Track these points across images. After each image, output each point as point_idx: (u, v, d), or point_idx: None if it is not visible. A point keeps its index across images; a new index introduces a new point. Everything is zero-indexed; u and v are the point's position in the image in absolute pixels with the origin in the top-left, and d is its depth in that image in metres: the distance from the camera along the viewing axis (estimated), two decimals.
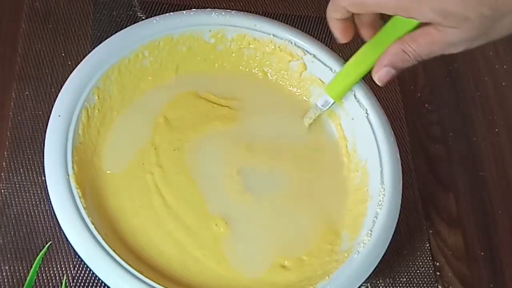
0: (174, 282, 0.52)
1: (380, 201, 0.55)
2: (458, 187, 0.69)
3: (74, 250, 0.50)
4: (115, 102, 0.59)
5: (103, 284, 0.56)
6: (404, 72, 0.73)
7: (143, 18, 0.68)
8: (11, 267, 0.56)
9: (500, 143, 0.72)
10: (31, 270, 0.47)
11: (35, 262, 0.47)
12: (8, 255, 0.56)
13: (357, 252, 0.53)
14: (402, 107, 0.72)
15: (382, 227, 0.54)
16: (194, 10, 0.61)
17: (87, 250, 0.49)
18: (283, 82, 0.64)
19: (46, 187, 0.51)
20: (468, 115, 0.73)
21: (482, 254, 0.66)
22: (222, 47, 0.63)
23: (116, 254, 0.49)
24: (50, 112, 0.54)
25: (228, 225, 0.56)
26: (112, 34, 0.59)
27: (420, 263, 0.64)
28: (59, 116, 0.54)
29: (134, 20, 0.67)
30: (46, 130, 0.53)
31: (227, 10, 0.62)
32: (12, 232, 0.57)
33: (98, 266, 0.49)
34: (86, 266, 0.56)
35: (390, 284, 0.61)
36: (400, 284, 0.62)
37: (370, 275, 0.53)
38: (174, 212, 0.55)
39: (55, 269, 0.56)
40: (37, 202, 0.58)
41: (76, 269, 0.57)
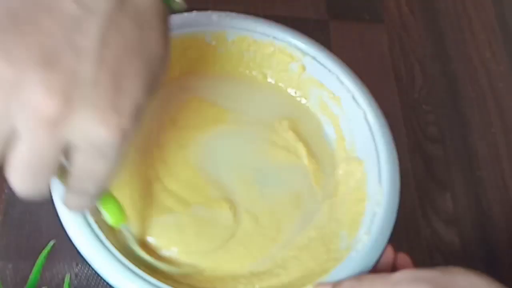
0: (176, 281, 0.52)
1: (378, 200, 0.56)
2: (455, 187, 0.69)
3: (77, 249, 0.50)
4: None
5: (106, 283, 0.56)
6: (401, 74, 0.75)
7: None
8: (15, 266, 0.56)
9: (496, 143, 0.73)
10: (35, 268, 0.48)
11: (39, 260, 0.48)
12: (12, 254, 0.57)
13: (355, 251, 0.53)
14: (399, 108, 0.72)
15: (380, 225, 0.54)
16: (195, 12, 0.62)
17: (89, 248, 0.49)
18: (282, 84, 0.65)
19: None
20: (465, 116, 0.74)
21: (479, 253, 0.66)
22: (223, 49, 0.63)
23: (119, 252, 0.49)
24: None
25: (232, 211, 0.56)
26: None
27: (418, 261, 0.64)
28: None
29: None
30: None
31: (228, 13, 0.62)
32: (16, 231, 0.57)
33: (101, 265, 0.49)
34: (89, 265, 0.56)
35: None
36: None
37: (368, 272, 0.53)
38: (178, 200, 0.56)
39: (58, 267, 0.57)
40: (40, 202, 0.59)
41: (79, 267, 0.57)
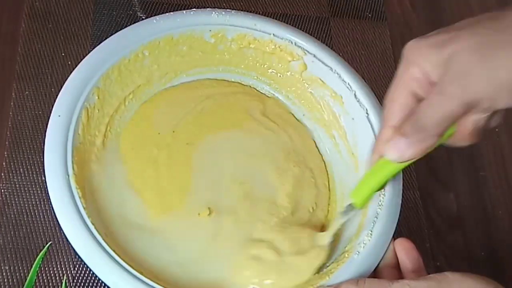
0: (173, 282, 0.52)
1: (380, 201, 0.55)
2: (459, 187, 0.69)
3: (74, 250, 0.49)
4: (115, 102, 0.59)
5: (103, 284, 0.56)
6: None
7: (143, 18, 0.68)
8: (11, 267, 0.56)
9: (500, 143, 0.72)
10: (31, 270, 0.47)
11: (35, 262, 0.47)
12: (8, 255, 0.56)
13: (357, 253, 0.52)
14: None
15: (382, 227, 0.54)
16: (194, 10, 0.61)
17: (87, 250, 0.49)
18: (283, 82, 0.64)
19: (46, 187, 0.51)
20: None
21: (483, 254, 0.66)
22: (223, 47, 0.62)
23: (116, 254, 0.49)
24: (50, 112, 0.54)
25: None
26: (112, 34, 0.59)
27: None
28: (59, 116, 0.54)
29: (134, 20, 0.67)
30: (46, 130, 0.53)
31: (227, 10, 0.62)
32: (12, 232, 0.57)
33: (98, 266, 0.49)
34: (86, 266, 0.56)
35: None
36: None
37: (370, 275, 0.52)
38: None
39: (55, 269, 0.57)
40: (37, 202, 0.59)
41: (76, 269, 0.57)
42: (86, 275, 0.57)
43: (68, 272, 0.57)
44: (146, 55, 0.60)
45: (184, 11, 0.61)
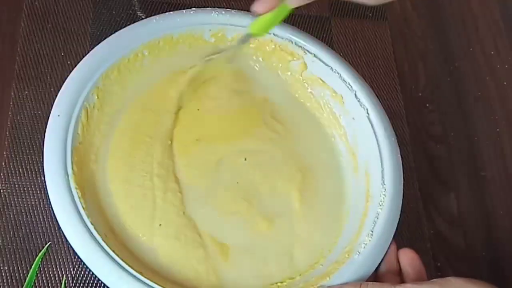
0: (173, 283, 0.52)
1: (381, 201, 0.55)
2: (459, 187, 0.69)
3: (74, 251, 0.50)
4: (115, 101, 0.58)
5: (103, 285, 0.56)
6: (405, 72, 0.74)
7: (143, 17, 0.68)
8: (11, 267, 0.56)
9: (501, 143, 0.72)
10: (31, 270, 0.47)
11: (35, 262, 0.48)
12: (8, 255, 0.56)
13: (358, 253, 0.52)
14: (403, 106, 0.72)
15: (383, 227, 0.54)
16: (194, 9, 0.61)
17: (86, 250, 0.49)
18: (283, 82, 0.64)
19: (46, 187, 0.51)
20: (469, 115, 0.73)
21: (483, 254, 0.66)
22: (222, 46, 0.62)
23: (116, 254, 0.49)
24: (50, 111, 0.54)
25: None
26: (111, 34, 0.59)
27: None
28: (59, 116, 0.54)
29: (134, 19, 0.67)
30: (45, 130, 0.53)
31: (227, 9, 0.62)
32: (11, 232, 0.57)
33: (98, 266, 0.49)
34: (85, 267, 0.56)
35: None
36: None
37: (371, 275, 0.52)
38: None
39: (54, 269, 0.56)
40: (36, 202, 0.58)
41: (75, 269, 0.57)
42: (86, 275, 0.57)
43: (67, 272, 0.56)
44: (146, 54, 0.60)
45: (184, 11, 0.61)
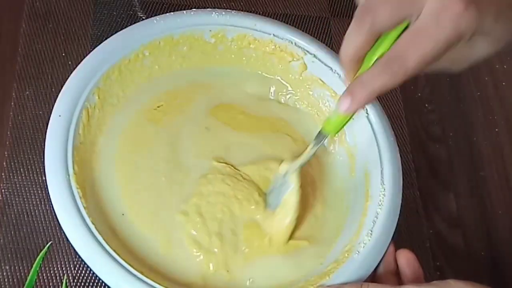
0: (174, 282, 0.52)
1: (380, 201, 0.55)
2: (458, 187, 0.69)
3: (75, 250, 0.49)
4: (115, 102, 0.59)
5: (104, 284, 0.56)
6: None
7: (144, 18, 0.68)
8: (12, 267, 0.56)
9: (500, 143, 0.72)
10: (32, 269, 0.47)
11: (36, 261, 0.48)
12: (9, 255, 0.56)
13: (357, 252, 0.52)
14: (402, 107, 0.72)
15: (382, 227, 0.54)
16: (195, 10, 0.61)
17: (87, 250, 0.49)
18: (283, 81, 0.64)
19: (47, 187, 0.51)
20: (468, 115, 0.73)
21: (483, 254, 0.66)
22: (223, 47, 0.62)
23: (117, 254, 0.49)
24: (51, 112, 0.54)
25: None
26: (112, 34, 0.59)
27: (421, 263, 0.63)
28: (60, 116, 0.54)
29: (135, 20, 0.67)
30: (46, 130, 0.53)
31: (228, 10, 0.62)
32: (12, 232, 0.57)
33: (99, 266, 0.49)
34: (86, 266, 0.56)
35: None
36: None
37: (371, 275, 0.52)
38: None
39: (55, 268, 0.56)
40: (37, 202, 0.59)
41: (76, 269, 0.57)
42: (87, 275, 0.57)
43: (68, 272, 0.57)
44: (147, 55, 0.60)
45: (184, 11, 0.61)
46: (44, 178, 0.53)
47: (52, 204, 0.51)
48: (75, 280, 0.56)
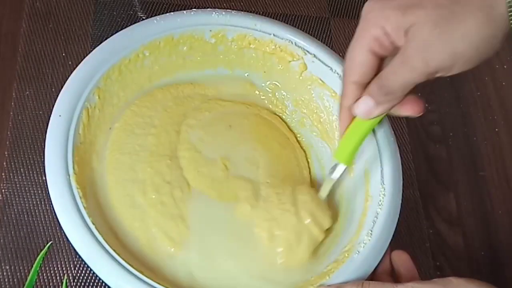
0: (174, 283, 0.52)
1: (380, 201, 0.55)
2: (458, 187, 0.69)
3: (75, 250, 0.49)
4: (115, 102, 0.59)
5: (104, 284, 0.56)
6: None
7: (144, 18, 0.68)
8: (12, 267, 0.56)
9: (500, 143, 0.72)
10: (32, 269, 0.47)
11: (36, 261, 0.47)
12: (9, 255, 0.56)
13: (357, 252, 0.52)
14: None
15: (382, 227, 0.54)
16: (195, 10, 0.61)
17: (87, 250, 0.49)
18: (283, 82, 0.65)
19: (47, 187, 0.51)
20: (468, 115, 0.73)
21: (482, 253, 0.66)
22: (223, 47, 0.63)
23: (117, 253, 0.49)
24: (51, 112, 0.54)
25: None
26: (112, 34, 0.59)
27: (421, 262, 0.64)
28: (60, 116, 0.54)
29: (135, 20, 0.68)
30: (46, 130, 0.53)
31: (228, 10, 0.62)
32: (12, 232, 0.57)
33: (99, 266, 0.49)
34: (86, 266, 0.56)
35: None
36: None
37: (370, 275, 0.53)
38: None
39: (55, 268, 0.57)
40: (37, 202, 0.59)
41: (76, 269, 0.57)
42: (87, 275, 0.57)
43: (68, 272, 0.57)
44: (147, 55, 0.60)
45: (185, 11, 0.61)
46: (44, 178, 0.53)
47: (52, 204, 0.51)
48: (75, 280, 0.57)
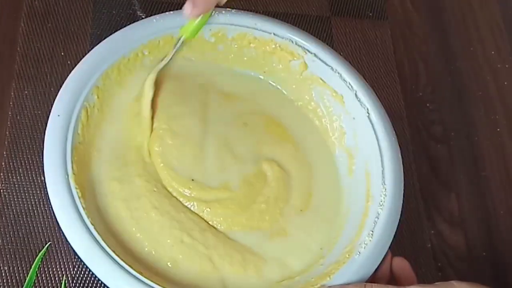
0: (173, 283, 0.52)
1: (381, 201, 0.55)
2: (460, 187, 0.69)
3: (74, 251, 0.49)
4: (115, 101, 0.58)
5: (103, 285, 0.56)
6: (405, 71, 0.74)
7: (143, 17, 0.68)
8: (11, 268, 0.56)
9: (502, 142, 0.72)
10: (31, 270, 0.47)
11: (35, 262, 0.48)
12: (8, 256, 0.56)
13: (358, 253, 0.52)
14: (403, 106, 0.72)
15: (384, 227, 0.54)
16: None
17: (86, 250, 0.49)
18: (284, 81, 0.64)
19: (46, 187, 0.51)
20: (469, 115, 0.73)
21: (484, 254, 0.66)
22: (222, 46, 0.62)
23: (116, 254, 0.49)
24: (50, 111, 0.54)
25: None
26: (111, 33, 0.58)
27: (422, 263, 0.64)
28: (59, 115, 0.54)
29: (134, 19, 0.67)
30: (45, 130, 0.53)
31: (227, 9, 0.62)
32: (11, 232, 0.57)
33: (98, 267, 0.49)
34: (85, 267, 0.56)
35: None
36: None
37: (371, 275, 0.52)
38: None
39: (54, 269, 0.56)
40: (36, 202, 0.58)
41: (75, 269, 0.57)
42: (86, 275, 0.57)
43: (67, 272, 0.57)
44: (146, 54, 0.60)
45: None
46: (43, 178, 0.53)
47: (51, 204, 0.50)
48: (74, 281, 0.56)
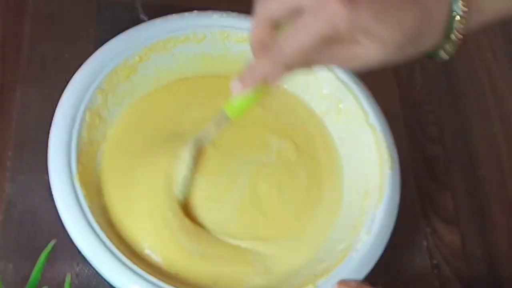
0: (178, 281, 0.52)
1: (378, 200, 0.55)
2: (456, 187, 0.69)
3: (78, 249, 0.50)
4: (118, 102, 0.59)
5: (107, 282, 0.56)
6: (402, 73, 0.75)
7: (146, 20, 0.68)
8: (16, 265, 0.56)
9: (497, 143, 0.73)
10: (35, 268, 0.48)
11: (39, 260, 0.48)
12: (13, 253, 0.57)
13: (355, 251, 0.53)
14: (400, 107, 0.72)
15: (380, 226, 0.54)
16: (196, 12, 0.62)
17: (91, 248, 0.49)
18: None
19: (51, 187, 0.52)
20: (465, 116, 0.74)
21: (479, 253, 0.66)
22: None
23: (120, 252, 0.49)
24: (54, 112, 0.55)
25: None
26: (115, 36, 0.59)
27: (418, 261, 0.64)
28: (63, 116, 0.54)
29: (137, 22, 0.68)
30: (50, 131, 0.54)
31: (229, 12, 0.62)
32: (16, 231, 0.58)
33: (102, 265, 0.49)
34: (90, 265, 0.56)
35: (388, 282, 0.62)
36: (398, 282, 0.62)
37: (368, 273, 0.53)
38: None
39: (59, 267, 0.57)
40: (41, 202, 0.59)
41: (80, 267, 0.57)
42: (90, 273, 0.57)
43: (72, 271, 0.57)
44: (149, 56, 0.60)
45: (186, 14, 0.61)
46: (48, 178, 0.53)
47: (55, 204, 0.51)
48: (79, 278, 0.57)
